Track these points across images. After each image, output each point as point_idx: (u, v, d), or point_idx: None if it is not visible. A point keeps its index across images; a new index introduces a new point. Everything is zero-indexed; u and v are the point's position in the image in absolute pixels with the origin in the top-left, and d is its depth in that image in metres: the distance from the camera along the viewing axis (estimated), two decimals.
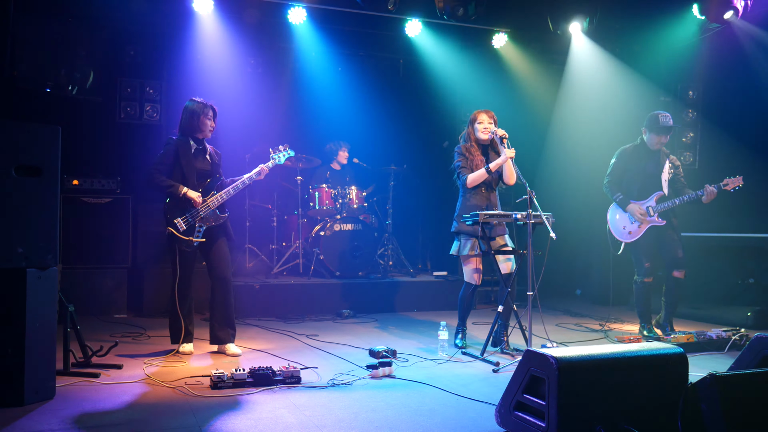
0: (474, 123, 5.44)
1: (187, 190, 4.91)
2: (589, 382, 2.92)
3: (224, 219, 5.09)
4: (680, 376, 3.09)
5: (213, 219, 5.01)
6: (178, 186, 4.91)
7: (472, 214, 5.04)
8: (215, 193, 5.02)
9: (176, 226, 4.88)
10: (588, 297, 8.96)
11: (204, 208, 4.96)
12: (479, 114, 5.44)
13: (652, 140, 5.88)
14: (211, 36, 7.74)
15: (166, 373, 4.38)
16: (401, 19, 8.12)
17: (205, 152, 5.14)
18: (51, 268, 3.75)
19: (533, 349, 3.09)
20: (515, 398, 3.16)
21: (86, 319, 6.22)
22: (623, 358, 3.05)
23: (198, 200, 4.92)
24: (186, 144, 5.04)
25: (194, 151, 5.07)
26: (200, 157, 5.10)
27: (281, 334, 6.00)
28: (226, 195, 5.04)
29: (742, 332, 5.46)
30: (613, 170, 6.05)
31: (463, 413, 3.61)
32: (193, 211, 4.93)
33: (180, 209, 4.93)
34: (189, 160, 5.00)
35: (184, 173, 4.97)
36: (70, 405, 3.61)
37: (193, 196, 4.91)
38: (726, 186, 5.61)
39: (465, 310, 5.48)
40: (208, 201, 4.98)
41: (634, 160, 5.98)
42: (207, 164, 5.12)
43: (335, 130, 8.66)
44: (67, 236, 6.71)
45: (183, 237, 4.89)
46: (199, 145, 5.10)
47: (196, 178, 5.02)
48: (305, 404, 3.71)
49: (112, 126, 7.54)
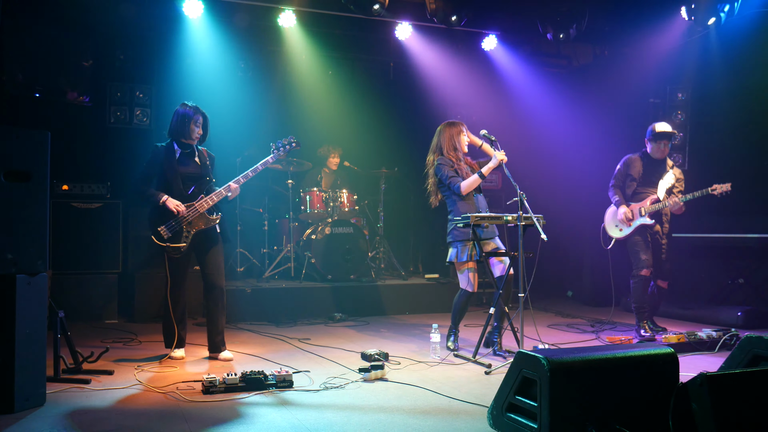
0: (459, 135, 5.46)
1: (167, 199, 4.84)
2: (580, 383, 2.94)
3: (215, 222, 5.05)
4: (671, 376, 3.11)
5: (203, 222, 4.96)
6: (159, 195, 4.86)
7: (463, 217, 5.06)
8: (204, 197, 4.98)
9: (159, 235, 4.84)
10: (579, 298, 8.99)
11: (191, 213, 4.91)
12: (461, 125, 5.50)
13: (654, 149, 6.06)
14: (201, 40, 7.74)
15: (158, 379, 4.36)
16: (391, 22, 8.15)
17: (193, 156, 5.06)
18: (40, 274, 3.73)
19: (525, 351, 3.10)
20: (507, 400, 3.17)
21: (77, 325, 6.20)
22: (614, 358, 3.06)
23: (178, 209, 4.87)
24: (171, 150, 4.99)
25: (180, 156, 5.00)
26: (187, 161, 5.03)
27: (273, 338, 5.99)
28: (216, 197, 4.99)
29: (733, 332, 5.48)
30: (617, 176, 6.23)
31: (456, 415, 3.61)
32: (177, 218, 4.89)
33: (163, 217, 4.88)
34: (173, 165, 4.94)
35: (168, 180, 4.93)
36: (61, 412, 3.59)
37: (172, 205, 4.84)
38: (714, 191, 5.72)
39: (459, 315, 5.48)
40: (195, 205, 4.94)
41: (637, 169, 6.12)
42: (195, 168, 5.04)
43: (326, 133, 8.65)
44: (57, 241, 6.68)
45: (165, 245, 4.87)
46: (186, 149, 5.04)
47: (182, 183, 4.97)
48: (297, 408, 3.70)
49: (102, 130, 7.52)
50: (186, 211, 4.89)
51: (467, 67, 8.74)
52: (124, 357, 5.05)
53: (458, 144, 5.46)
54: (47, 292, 3.82)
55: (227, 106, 7.64)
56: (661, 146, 6.03)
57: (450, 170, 5.37)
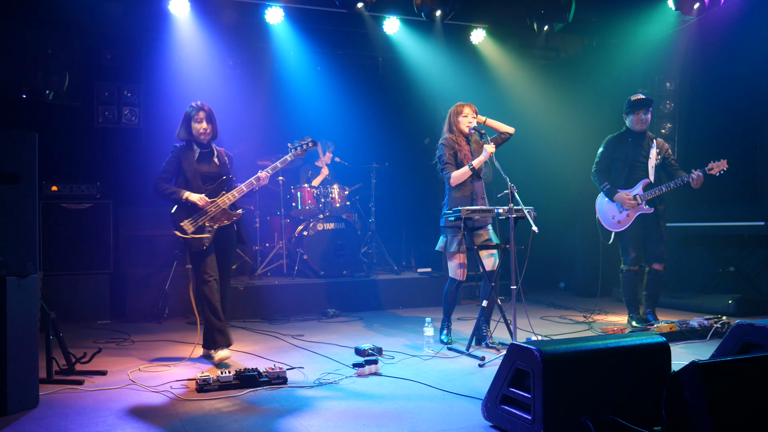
0: (458, 115, 5.43)
1: (189, 194, 4.86)
2: (573, 374, 2.95)
3: (237, 216, 5.06)
4: (663, 365, 3.12)
5: (225, 217, 4.97)
6: (180, 191, 4.88)
7: (454, 210, 5.05)
8: (225, 193, 5.00)
9: (182, 229, 4.84)
10: (572, 289, 9.03)
11: (213, 208, 4.92)
12: (463, 107, 5.43)
13: (633, 121, 5.94)
14: (188, 38, 7.70)
15: (151, 378, 4.35)
16: (379, 17, 8.12)
17: (212, 155, 5.10)
18: (31, 276, 3.71)
19: (518, 343, 3.11)
20: (501, 392, 3.18)
21: (69, 326, 6.17)
22: (607, 349, 3.07)
23: (201, 201, 4.89)
24: (189, 150, 5.02)
25: (198, 155, 5.03)
26: (206, 160, 5.05)
27: (266, 335, 5.98)
28: (238, 193, 5.01)
29: (724, 320, 5.52)
30: (601, 159, 6.10)
31: (450, 408, 3.63)
32: (200, 212, 4.90)
33: (187, 213, 4.90)
34: (191, 165, 4.96)
35: (188, 179, 4.95)
36: (54, 413, 3.58)
37: (195, 198, 4.86)
38: (711, 170, 5.60)
39: (450, 306, 5.50)
40: (217, 201, 4.95)
41: (621, 148, 6.01)
42: (214, 167, 5.08)
43: (316, 129, 8.60)
44: (48, 243, 6.65)
45: (190, 236, 4.85)
46: (204, 149, 5.07)
47: (202, 182, 4.97)
48: (292, 405, 3.71)
49: (90, 131, 7.47)
50: (209, 204, 4.90)
51: (456, 60, 8.73)
52: (117, 357, 5.03)
53: (456, 125, 5.43)
54: (38, 293, 3.80)
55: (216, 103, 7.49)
56: (641, 116, 5.89)
57: (448, 154, 5.34)
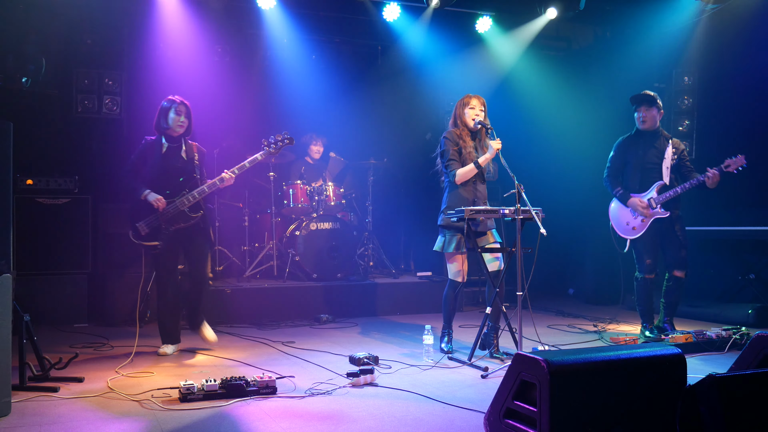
0: (465, 107, 5.42)
1: (148, 193, 4.95)
2: (582, 387, 2.94)
3: (195, 220, 5.13)
4: (678, 379, 3.12)
5: (183, 220, 5.03)
6: (141, 190, 4.98)
7: (457, 211, 5.04)
8: (186, 193, 5.02)
9: (137, 230, 4.94)
10: (581, 296, 9.03)
11: (171, 210, 4.97)
12: (471, 98, 5.42)
13: (638, 118, 5.96)
14: (174, 23, 7.69)
15: (132, 386, 4.35)
16: (378, 3, 8.12)
17: (179, 150, 5.18)
18: (4, 275, 3.71)
19: (523, 353, 3.10)
20: (505, 405, 3.18)
21: (44, 330, 6.17)
22: (618, 360, 3.07)
23: (159, 204, 4.95)
24: (158, 144, 5.12)
25: (166, 150, 5.12)
26: (173, 155, 5.12)
27: (255, 341, 5.98)
28: (199, 194, 5.07)
29: (743, 331, 5.52)
30: (612, 164, 6.11)
31: (450, 422, 3.63)
32: (156, 214, 4.95)
33: (142, 212, 4.95)
34: (158, 160, 5.06)
35: (152, 174, 5.01)
36: (27, 422, 3.58)
37: (153, 199, 4.94)
38: (728, 167, 5.59)
39: (450, 311, 5.50)
40: (176, 202, 4.99)
41: (632, 150, 6.02)
42: (181, 162, 5.15)
43: (310, 121, 8.63)
44: (22, 240, 6.61)
45: (139, 242, 5.00)
46: (173, 143, 5.13)
47: (166, 178, 5.04)
48: (281, 416, 3.70)
49: (68, 120, 7.44)
50: (166, 207, 4.95)
51: (460, 50, 8.73)
52: (94, 363, 5.02)
53: (461, 117, 5.43)
54: (11, 294, 3.79)
55: (204, 93, 7.60)
56: (641, 114, 5.91)
57: (452, 149, 5.34)
